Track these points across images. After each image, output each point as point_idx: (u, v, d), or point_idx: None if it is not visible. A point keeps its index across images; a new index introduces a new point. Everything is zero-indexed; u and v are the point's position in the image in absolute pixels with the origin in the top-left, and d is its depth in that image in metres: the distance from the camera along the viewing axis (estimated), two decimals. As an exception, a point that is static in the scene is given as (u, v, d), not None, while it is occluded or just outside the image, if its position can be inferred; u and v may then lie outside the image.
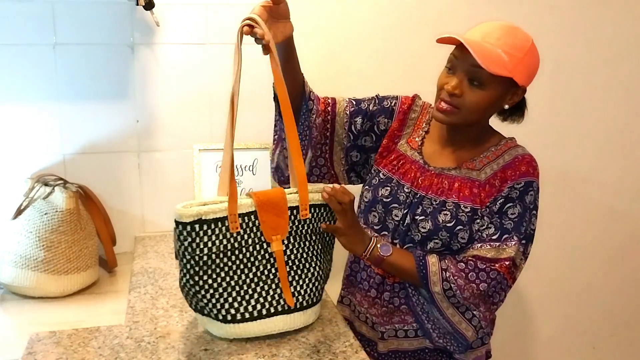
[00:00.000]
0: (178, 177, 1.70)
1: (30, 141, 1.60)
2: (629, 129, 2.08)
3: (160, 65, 1.65)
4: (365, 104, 1.35)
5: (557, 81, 1.96)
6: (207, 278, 1.08)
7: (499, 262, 1.20)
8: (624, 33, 1.99)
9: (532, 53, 1.17)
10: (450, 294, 1.20)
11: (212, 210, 1.06)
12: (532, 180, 1.22)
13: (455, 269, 1.20)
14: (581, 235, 2.14)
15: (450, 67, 1.19)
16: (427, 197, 1.25)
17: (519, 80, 1.15)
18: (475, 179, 1.24)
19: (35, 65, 1.56)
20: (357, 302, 1.37)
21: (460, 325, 1.23)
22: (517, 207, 1.21)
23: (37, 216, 1.39)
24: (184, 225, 1.05)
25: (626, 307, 2.27)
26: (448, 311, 1.23)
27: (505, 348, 2.14)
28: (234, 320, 1.10)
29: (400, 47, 1.82)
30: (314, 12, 1.74)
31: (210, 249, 1.07)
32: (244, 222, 1.10)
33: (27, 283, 1.38)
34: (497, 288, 1.21)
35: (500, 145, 1.27)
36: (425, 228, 1.23)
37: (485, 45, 1.13)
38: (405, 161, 1.30)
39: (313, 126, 1.31)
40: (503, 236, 1.21)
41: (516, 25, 1.18)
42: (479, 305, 1.22)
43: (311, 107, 1.30)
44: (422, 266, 1.21)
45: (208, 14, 1.66)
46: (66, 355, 1.09)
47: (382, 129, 1.34)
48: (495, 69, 1.11)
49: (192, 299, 1.11)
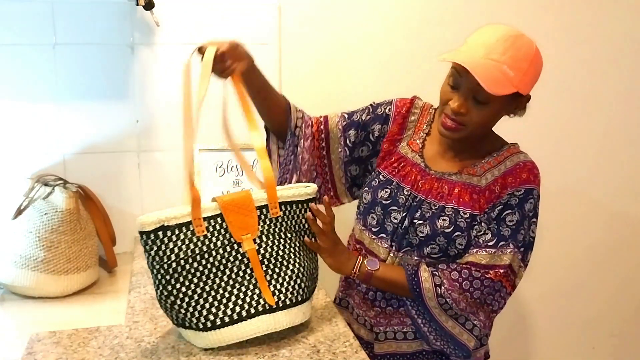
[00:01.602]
0: (178, 177, 1.69)
1: (30, 141, 1.60)
2: (628, 130, 2.09)
3: (160, 66, 1.65)
4: (357, 115, 1.35)
5: (556, 81, 1.96)
6: (180, 286, 1.06)
7: (494, 269, 1.19)
8: (623, 34, 1.99)
9: (536, 60, 1.15)
10: (447, 307, 1.19)
11: (174, 216, 1.06)
12: (533, 188, 1.21)
13: (449, 283, 1.19)
14: (580, 235, 2.15)
15: (454, 84, 1.17)
16: (426, 201, 1.24)
17: (524, 91, 1.15)
18: (476, 184, 1.23)
19: (35, 65, 1.56)
20: (355, 305, 1.36)
21: (462, 336, 1.23)
22: (516, 214, 1.20)
23: (37, 216, 1.39)
24: (148, 234, 1.04)
25: (626, 307, 2.27)
26: (448, 324, 1.22)
27: (505, 348, 2.14)
28: (215, 326, 1.08)
29: (400, 47, 1.82)
30: (314, 12, 1.74)
31: (177, 254, 1.05)
32: (210, 225, 1.09)
33: (27, 283, 1.38)
34: (496, 296, 1.20)
35: (503, 151, 1.26)
36: (423, 232, 1.23)
37: (490, 64, 1.10)
38: (406, 163, 1.30)
39: (304, 150, 1.31)
40: (499, 243, 1.19)
41: (519, 31, 1.15)
42: (478, 314, 1.21)
43: (297, 134, 1.31)
44: (414, 284, 1.20)
45: (208, 14, 1.66)
46: (66, 355, 1.08)
47: (376, 136, 1.34)
48: (501, 90, 1.10)
49: (172, 312, 1.09)
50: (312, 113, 1.37)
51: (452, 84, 1.18)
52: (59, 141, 1.62)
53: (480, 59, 1.11)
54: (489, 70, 1.10)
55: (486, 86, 1.08)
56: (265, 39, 1.70)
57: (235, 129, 1.23)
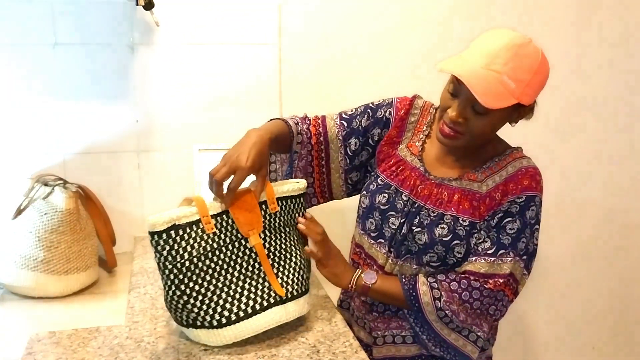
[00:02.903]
0: (178, 177, 1.70)
1: (30, 141, 1.60)
2: (625, 130, 2.08)
3: (160, 66, 1.65)
4: (357, 121, 1.32)
5: (556, 82, 1.96)
6: (194, 285, 1.07)
7: (493, 278, 1.16)
8: (622, 34, 1.99)
9: (542, 70, 1.10)
10: (448, 320, 1.18)
11: (184, 215, 1.07)
12: (535, 194, 1.17)
13: (447, 294, 1.17)
14: (580, 235, 2.14)
15: (453, 92, 1.14)
16: (425, 208, 1.22)
17: (526, 102, 1.10)
18: (476, 191, 1.20)
19: (35, 65, 1.56)
20: (355, 307, 1.35)
21: (466, 348, 1.21)
22: (517, 222, 1.16)
23: (37, 216, 1.39)
24: (159, 234, 1.04)
25: (626, 307, 2.27)
26: (450, 337, 1.20)
27: (505, 348, 2.14)
28: (229, 322, 1.09)
29: (400, 47, 1.82)
30: (314, 12, 1.74)
31: (190, 253, 1.06)
32: (217, 222, 1.10)
33: (26, 283, 1.38)
34: (498, 305, 1.18)
35: (505, 155, 1.22)
36: (421, 240, 1.20)
37: (490, 75, 1.06)
38: (405, 167, 1.27)
39: (297, 169, 1.32)
40: (499, 251, 1.16)
41: (525, 38, 1.10)
42: (481, 325, 1.19)
43: (297, 150, 1.31)
44: (413, 298, 1.19)
45: (207, 14, 1.65)
46: (66, 356, 1.08)
47: (376, 140, 1.32)
48: (499, 103, 1.06)
49: (182, 312, 1.09)
50: (311, 112, 1.37)
51: (451, 91, 1.14)
52: (58, 141, 1.62)
53: (479, 69, 1.07)
54: (488, 83, 1.06)
55: (482, 100, 1.05)
56: (265, 39, 1.70)
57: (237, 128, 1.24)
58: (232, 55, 1.69)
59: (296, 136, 1.30)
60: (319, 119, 1.34)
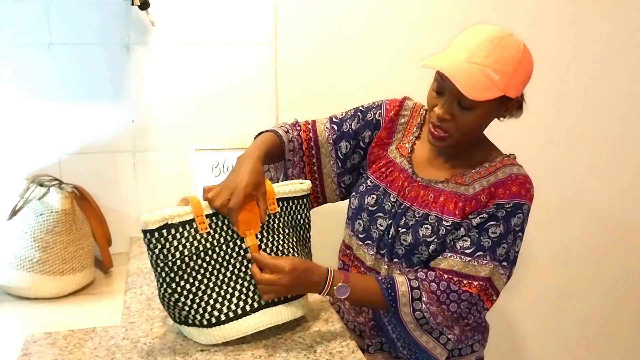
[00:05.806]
0: (174, 177, 1.70)
1: (26, 141, 1.59)
2: (621, 132, 2.09)
3: (155, 65, 1.65)
4: (347, 124, 1.32)
5: (550, 82, 1.97)
6: (185, 283, 1.07)
7: (468, 279, 1.15)
8: (621, 35, 2.00)
9: (524, 62, 1.09)
10: (424, 322, 1.16)
11: (177, 214, 1.07)
12: (523, 202, 1.16)
13: (428, 296, 1.14)
14: (575, 235, 2.15)
15: (438, 89, 1.13)
16: (411, 209, 1.21)
17: (511, 94, 1.09)
18: (462, 193, 1.18)
19: (30, 65, 1.56)
20: (345, 310, 1.35)
21: (435, 350, 1.19)
22: (501, 227, 1.15)
23: (33, 217, 1.38)
24: (152, 233, 1.05)
25: (621, 306, 2.28)
26: (422, 339, 1.18)
27: (500, 347, 2.15)
28: (219, 322, 1.10)
29: (396, 46, 1.82)
30: (310, 11, 1.74)
31: (182, 252, 1.06)
32: (212, 222, 1.10)
33: (22, 284, 1.37)
34: (472, 310, 1.17)
35: (495, 162, 1.21)
36: (406, 241, 1.20)
37: (472, 68, 1.06)
38: (394, 169, 1.27)
39: (292, 176, 1.33)
40: (476, 253, 1.15)
41: (506, 31, 1.10)
42: (453, 328, 1.17)
43: (290, 158, 1.32)
44: (391, 299, 1.16)
45: (203, 13, 1.65)
46: (62, 357, 1.08)
47: (367, 143, 1.32)
48: (483, 95, 1.06)
49: (174, 309, 1.10)
50: (307, 112, 1.37)
51: (436, 89, 1.14)
52: (54, 141, 1.61)
53: (462, 62, 1.07)
54: (471, 75, 1.06)
55: (466, 92, 1.04)
56: (261, 39, 1.70)
57: (233, 128, 1.24)
58: (228, 55, 1.68)
59: (287, 144, 1.30)
60: (309, 124, 1.34)
